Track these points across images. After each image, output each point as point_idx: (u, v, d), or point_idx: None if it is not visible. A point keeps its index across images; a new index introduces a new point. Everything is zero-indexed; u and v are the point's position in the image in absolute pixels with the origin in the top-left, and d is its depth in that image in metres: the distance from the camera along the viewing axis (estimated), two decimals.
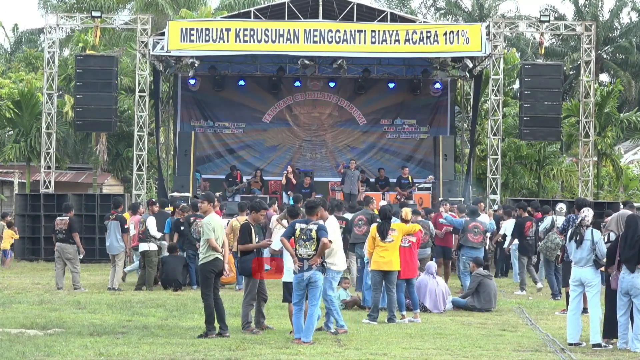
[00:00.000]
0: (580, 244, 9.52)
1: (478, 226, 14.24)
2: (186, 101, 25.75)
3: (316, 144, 26.11)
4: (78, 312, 12.00)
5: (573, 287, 9.66)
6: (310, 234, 9.51)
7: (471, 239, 14.22)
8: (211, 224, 9.95)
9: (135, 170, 22.42)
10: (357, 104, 26.04)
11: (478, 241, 14.19)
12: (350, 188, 22.41)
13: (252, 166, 25.41)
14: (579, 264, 9.60)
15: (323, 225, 9.72)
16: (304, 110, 26.14)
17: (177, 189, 21.84)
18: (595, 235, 9.49)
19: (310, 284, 9.50)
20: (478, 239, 14.19)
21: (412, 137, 26.09)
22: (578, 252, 9.57)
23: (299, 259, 9.52)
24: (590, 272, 9.50)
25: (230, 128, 25.91)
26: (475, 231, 14.24)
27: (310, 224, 9.60)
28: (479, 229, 14.22)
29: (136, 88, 22.50)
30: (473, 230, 14.25)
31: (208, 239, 9.92)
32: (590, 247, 9.43)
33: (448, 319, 11.97)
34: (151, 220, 15.09)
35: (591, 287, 9.52)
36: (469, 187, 24.38)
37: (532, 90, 21.85)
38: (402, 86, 25.91)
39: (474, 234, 14.23)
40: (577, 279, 9.60)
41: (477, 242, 14.18)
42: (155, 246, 15.11)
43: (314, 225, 9.60)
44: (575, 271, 9.64)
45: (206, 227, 9.97)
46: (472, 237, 14.23)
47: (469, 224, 14.36)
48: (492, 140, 22.60)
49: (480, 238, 14.23)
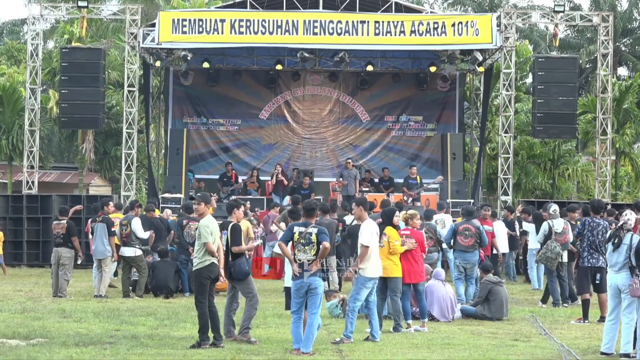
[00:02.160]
0: (617, 247, 9.55)
1: (469, 228, 14.21)
2: (178, 96, 25.74)
3: (316, 142, 26.10)
4: (63, 320, 11.97)
5: (611, 294, 9.68)
6: (310, 238, 9.49)
7: (461, 241, 14.20)
8: (209, 226, 9.92)
9: (123, 170, 22.40)
10: (360, 100, 26.03)
11: (469, 244, 14.14)
12: (347, 189, 22.42)
13: (248, 165, 25.40)
14: (614, 268, 9.64)
15: (323, 228, 9.71)
16: (303, 106, 26.13)
17: (169, 189, 21.82)
18: (634, 240, 9.51)
19: (310, 290, 9.47)
20: (469, 242, 14.15)
21: (419, 135, 26.08)
22: (614, 255, 9.62)
23: (297, 264, 9.49)
24: (624, 278, 9.52)
25: (225, 125, 25.90)
26: (465, 234, 14.22)
27: (310, 227, 9.58)
28: (470, 231, 14.20)
29: (125, 82, 22.50)
30: (464, 232, 14.22)
31: (205, 243, 9.90)
32: (627, 251, 9.45)
33: (457, 328, 11.94)
34: (137, 222, 15.05)
35: (626, 293, 9.52)
36: (478, 188, 24.37)
37: (545, 85, 21.84)
38: (407, 81, 25.90)
39: (464, 237, 14.20)
40: (613, 285, 9.64)
41: (467, 245, 14.14)
42: (140, 251, 15.07)
43: (313, 228, 9.58)
44: (610, 277, 9.70)
45: (204, 230, 9.93)
46: (462, 240, 14.21)
47: (461, 225, 14.33)
48: (503, 138, 22.59)
49: (471, 241, 14.17)
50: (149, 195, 24.75)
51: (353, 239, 14.04)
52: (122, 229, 14.97)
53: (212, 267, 9.89)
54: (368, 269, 10.39)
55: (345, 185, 22.52)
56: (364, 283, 10.38)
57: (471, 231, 14.21)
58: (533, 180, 28.83)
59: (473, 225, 14.29)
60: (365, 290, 10.38)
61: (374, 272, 10.48)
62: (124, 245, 14.92)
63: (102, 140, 32.49)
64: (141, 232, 15.09)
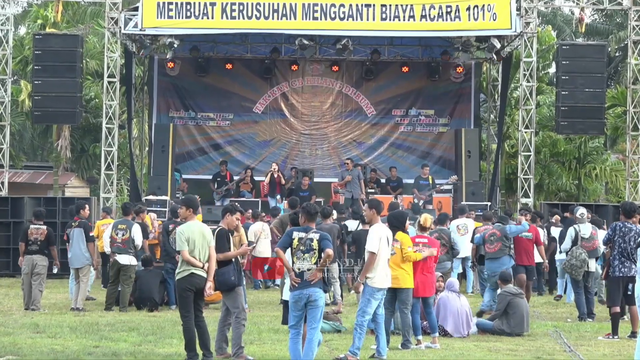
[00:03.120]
0: None
1: (494, 233, 14.22)
2: (164, 88, 25.74)
3: (316, 138, 26.09)
4: (36, 336, 11.96)
5: None
6: (311, 245, 9.48)
7: (487, 249, 14.22)
8: (185, 233, 9.89)
9: (103, 169, 22.39)
10: (365, 92, 26.03)
11: (495, 250, 14.15)
12: (351, 192, 22.35)
13: (241, 164, 25.39)
14: None
15: (326, 234, 9.70)
16: (302, 98, 26.12)
17: (153, 191, 21.81)
18: None
19: (310, 303, 9.45)
20: (494, 247, 14.16)
21: (430, 131, 26.08)
22: None
23: (296, 273, 9.48)
24: None
25: (216, 120, 25.90)
26: (491, 240, 14.21)
27: (311, 232, 9.56)
28: (495, 236, 14.19)
29: (105, 73, 22.48)
30: (489, 239, 14.24)
31: (180, 251, 9.91)
32: None
33: (472, 344, 11.93)
34: (137, 228, 15.05)
35: None
36: (496, 190, 24.35)
37: (570, 75, 21.82)
38: (417, 70, 25.89)
39: (489, 243, 14.22)
40: None
41: (494, 252, 14.15)
42: (135, 260, 15.06)
43: (315, 234, 9.56)
44: None
45: (178, 237, 9.96)
46: (488, 247, 14.24)
47: (487, 232, 14.37)
48: (523, 134, 22.58)
49: (497, 246, 14.17)
50: (131, 197, 24.70)
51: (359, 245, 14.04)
52: (120, 233, 14.89)
53: (191, 278, 9.85)
54: (376, 279, 10.37)
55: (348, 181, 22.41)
56: (372, 294, 10.36)
57: (496, 235, 14.20)
58: (557, 181, 28.81)
59: (498, 229, 14.28)
60: (374, 302, 10.36)
61: (383, 282, 10.45)
62: (120, 253, 14.85)
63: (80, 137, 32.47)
64: (140, 239, 15.09)
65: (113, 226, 15.07)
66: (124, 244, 14.87)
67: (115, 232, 14.93)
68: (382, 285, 10.44)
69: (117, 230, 14.93)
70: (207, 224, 10.55)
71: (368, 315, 10.36)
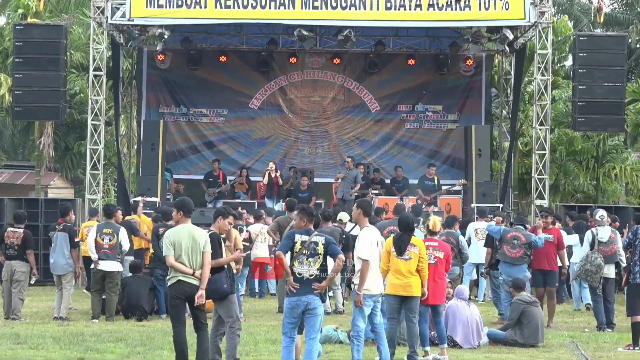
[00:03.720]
0: None
1: (519, 237, 14.20)
2: (153, 82, 25.75)
3: (316, 135, 26.11)
4: (17, 347, 11.96)
5: None
6: (316, 249, 9.49)
7: (507, 252, 14.18)
8: (170, 237, 9.88)
9: (88, 169, 22.37)
10: (368, 86, 26.04)
11: (516, 256, 14.14)
12: (342, 192, 22.30)
13: (235, 164, 25.40)
14: None
15: (331, 238, 9.71)
16: (301, 93, 26.13)
17: (142, 192, 21.80)
18: None
19: (308, 311, 9.46)
20: (516, 253, 14.15)
21: (438, 128, 26.09)
22: None
23: (296, 278, 9.47)
24: None
25: (209, 116, 25.91)
26: (513, 243, 14.18)
27: (314, 235, 9.55)
28: (519, 240, 14.18)
29: (90, 65, 22.46)
30: (511, 241, 14.19)
31: (165, 256, 9.91)
32: None
33: (483, 356, 11.94)
34: (124, 232, 15.05)
35: None
36: (508, 191, 24.34)
37: (588, 69, 21.81)
38: (424, 63, 25.90)
39: (511, 247, 14.17)
40: None
41: (514, 257, 14.13)
42: (121, 266, 15.06)
43: (319, 237, 9.55)
44: None
45: (164, 242, 9.96)
46: (509, 250, 14.19)
47: (510, 232, 14.33)
48: (538, 131, 22.56)
49: (520, 252, 14.17)
50: (118, 199, 24.71)
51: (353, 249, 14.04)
52: (107, 238, 14.84)
53: (179, 286, 9.80)
54: (371, 287, 10.35)
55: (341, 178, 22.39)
56: (367, 303, 10.33)
57: (521, 240, 14.18)
58: (573, 182, 28.80)
59: (524, 235, 14.25)
60: (365, 310, 10.34)
61: (373, 287, 10.42)
62: (107, 259, 14.80)
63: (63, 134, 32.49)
64: (127, 244, 15.11)
65: (97, 230, 14.95)
66: (111, 250, 14.83)
67: (100, 237, 14.83)
68: (373, 291, 10.42)
69: (102, 235, 14.84)
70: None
71: (361, 324, 10.30)
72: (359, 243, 10.38)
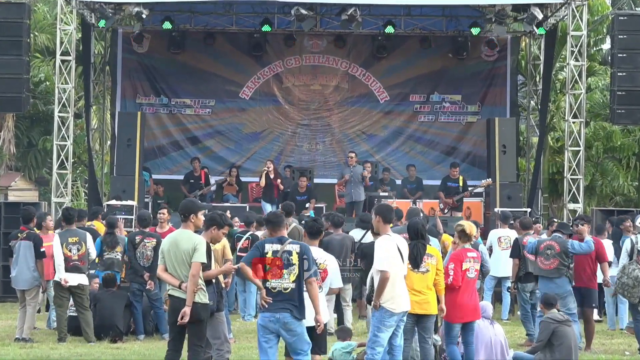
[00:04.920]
0: None
1: (553, 246, 14.16)
2: (130, 68, 25.73)
3: (317, 130, 26.11)
4: None
5: None
6: (289, 259, 9.50)
7: (540, 264, 14.13)
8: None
9: (55, 168, 22.37)
10: (376, 73, 26.03)
11: (550, 267, 14.10)
12: (351, 193, 22.15)
13: (224, 162, 25.42)
14: None
15: (307, 246, 9.65)
16: (299, 81, 26.12)
17: (117, 194, 21.78)
18: None
19: (287, 331, 9.48)
20: (550, 264, 14.10)
21: (456, 120, 26.08)
22: None
23: (269, 293, 9.49)
24: None
25: (194, 107, 25.91)
26: (547, 254, 14.14)
27: (287, 244, 9.55)
28: (553, 249, 14.14)
29: (57, 49, 22.46)
30: (545, 252, 14.15)
31: None
32: None
33: None
34: (90, 238, 15.00)
35: None
36: (537, 193, 24.32)
37: (629, 53, 21.79)
38: (441, 47, 25.89)
39: (545, 257, 14.12)
40: None
41: (548, 269, 14.09)
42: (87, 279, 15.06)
43: (293, 245, 9.54)
44: None
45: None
46: (543, 261, 14.14)
47: (543, 242, 14.27)
48: (571, 124, 22.55)
49: (555, 262, 14.11)
50: (89, 202, 24.69)
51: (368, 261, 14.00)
52: (74, 249, 14.76)
53: (171, 301, 9.87)
54: (391, 301, 10.34)
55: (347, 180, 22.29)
56: (383, 320, 10.31)
57: (555, 250, 14.13)
58: (612, 182, 28.79)
59: (559, 242, 14.18)
60: (385, 331, 10.33)
61: (400, 304, 10.41)
62: (75, 271, 14.71)
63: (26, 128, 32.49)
64: (95, 252, 15.08)
65: (61, 241, 14.78)
66: (82, 261, 14.69)
67: (67, 248, 14.74)
68: (400, 308, 10.39)
69: (68, 245, 14.73)
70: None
71: (380, 347, 10.29)
72: (377, 252, 10.38)
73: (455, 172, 23.06)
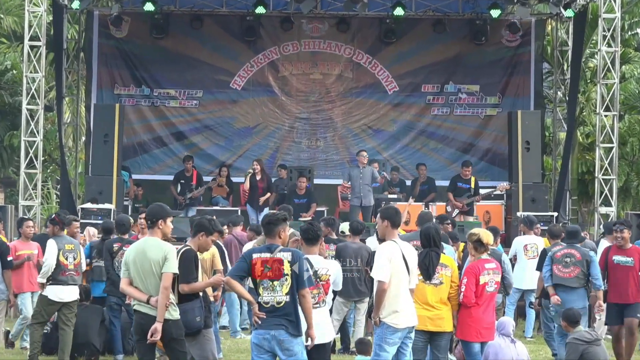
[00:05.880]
0: None
1: (573, 254, 14.16)
2: (107, 55, 25.71)
3: (317, 124, 26.11)
4: None
5: None
6: (281, 269, 9.47)
7: (557, 272, 14.12)
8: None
9: (23, 167, 22.37)
10: (384, 60, 26.03)
11: (570, 276, 14.09)
12: (360, 197, 21.95)
13: (213, 160, 25.45)
14: None
15: (299, 253, 9.66)
16: (297, 69, 26.12)
17: (92, 196, 21.78)
18: None
19: (283, 350, 9.47)
20: (569, 273, 14.10)
21: (474, 114, 26.10)
22: None
23: (262, 308, 9.47)
24: None
25: (179, 99, 25.90)
26: (566, 261, 14.13)
27: (277, 252, 9.56)
28: (573, 258, 14.14)
29: (25, 34, 22.46)
30: (563, 259, 14.15)
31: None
32: None
33: None
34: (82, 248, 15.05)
35: None
36: (565, 195, 24.28)
37: None
38: (456, 31, 25.89)
39: (563, 265, 14.11)
40: None
41: (566, 278, 14.09)
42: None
43: (284, 252, 9.54)
44: None
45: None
46: (561, 269, 14.12)
47: (561, 250, 14.27)
48: (603, 118, 22.55)
49: (574, 271, 14.10)
50: (61, 205, 24.67)
51: None
52: (71, 257, 14.71)
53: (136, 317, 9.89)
54: (393, 315, 10.32)
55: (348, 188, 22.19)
56: (385, 337, 10.29)
57: (575, 257, 14.13)
58: None
59: (579, 251, 14.19)
60: (389, 350, 10.30)
61: (403, 319, 10.38)
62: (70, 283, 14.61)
63: None
64: (85, 263, 15.06)
65: (58, 248, 14.77)
66: (77, 272, 14.58)
67: (64, 256, 14.69)
68: (404, 323, 10.36)
69: (65, 253, 14.67)
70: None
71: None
72: (376, 261, 10.35)
73: (467, 172, 22.94)
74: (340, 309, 15.05)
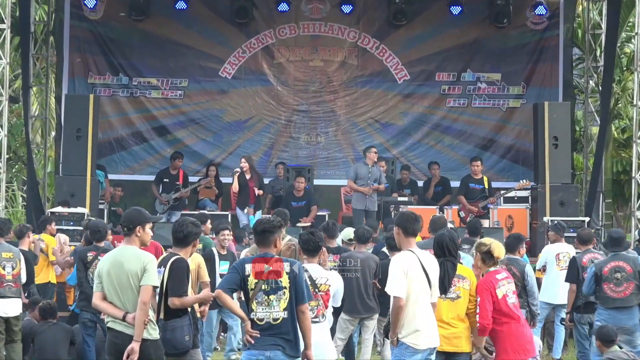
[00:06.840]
0: None
1: (623, 267, 14.09)
2: (80, 40, 25.71)
3: (318, 117, 26.15)
4: None
5: None
6: (278, 281, 9.43)
7: (609, 292, 14.05)
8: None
9: None
10: (393, 46, 26.04)
11: (625, 295, 14.04)
12: (364, 201, 21.88)
13: (200, 158, 25.51)
14: None
15: (297, 262, 9.65)
16: (295, 56, 26.14)
17: (63, 198, 21.75)
18: None
19: None
20: (623, 291, 14.04)
21: (495, 106, 26.11)
22: None
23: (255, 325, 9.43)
24: None
25: (161, 89, 25.91)
26: (616, 278, 14.06)
27: (274, 262, 9.51)
28: (624, 272, 14.07)
29: None
30: (612, 276, 14.07)
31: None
32: None
33: None
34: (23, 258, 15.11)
35: None
36: (598, 197, 24.26)
37: None
38: (475, 12, 25.91)
39: (615, 284, 14.04)
40: None
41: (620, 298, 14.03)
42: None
43: (281, 263, 9.50)
44: None
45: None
46: (613, 289, 14.06)
47: (607, 264, 14.19)
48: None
49: (629, 287, 14.06)
50: (28, 209, 24.66)
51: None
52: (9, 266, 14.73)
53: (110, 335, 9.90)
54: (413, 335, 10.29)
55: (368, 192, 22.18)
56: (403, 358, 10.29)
57: (626, 271, 14.06)
58: None
59: (628, 261, 14.12)
60: None
61: (425, 339, 10.36)
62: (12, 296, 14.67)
63: None
64: (25, 276, 15.13)
65: None
66: (16, 283, 14.75)
67: (1, 266, 14.78)
68: (425, 344, 10.35)
69: (2, 262, 14.77)
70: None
71: None
72: (390, 273, 10.32)
73: (477, 168, 22.86)
74: (345, 327, 14.92)
